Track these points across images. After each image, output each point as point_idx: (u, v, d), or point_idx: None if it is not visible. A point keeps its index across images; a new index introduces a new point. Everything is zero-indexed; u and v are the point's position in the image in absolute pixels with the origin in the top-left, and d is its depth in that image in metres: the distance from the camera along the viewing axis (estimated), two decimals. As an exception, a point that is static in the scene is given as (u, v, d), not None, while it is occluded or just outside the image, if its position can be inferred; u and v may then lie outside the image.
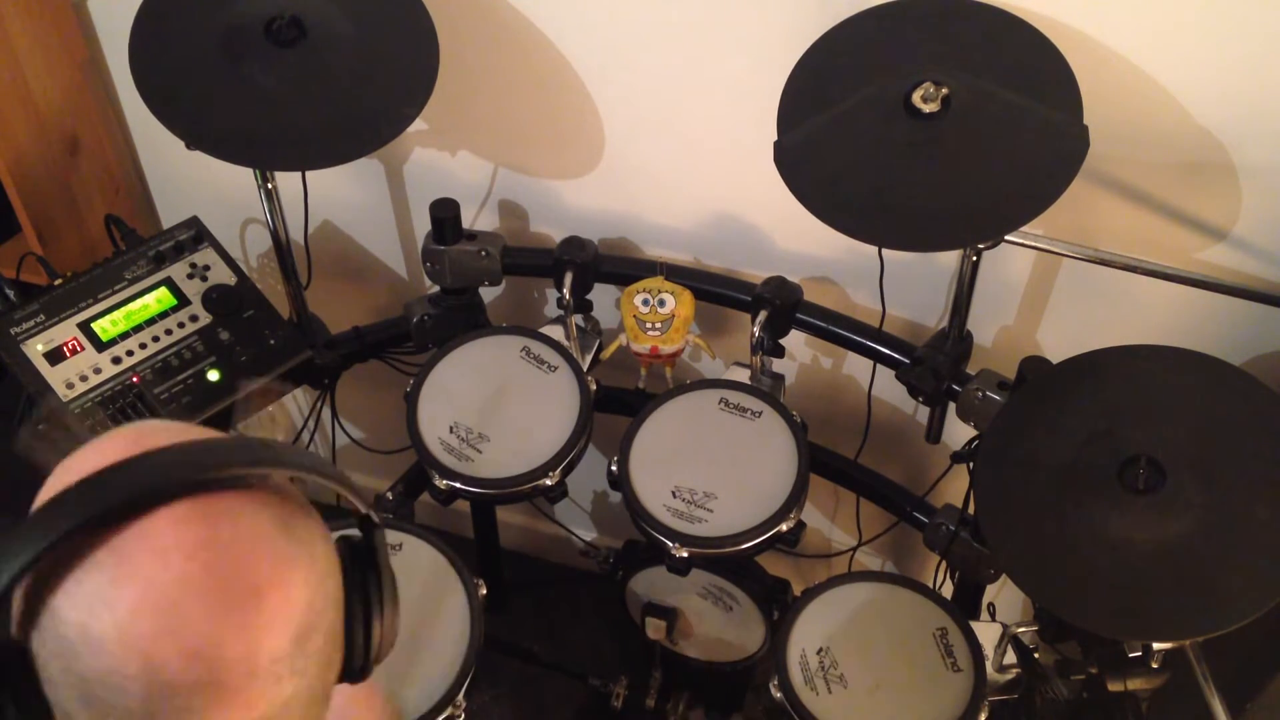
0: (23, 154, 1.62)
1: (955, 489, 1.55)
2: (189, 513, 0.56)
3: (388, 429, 1.75)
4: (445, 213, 1.52)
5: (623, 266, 1.56)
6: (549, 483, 1.38)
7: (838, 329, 1.47)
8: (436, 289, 1.61)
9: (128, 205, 1.85)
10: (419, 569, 1.35)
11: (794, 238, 1.55)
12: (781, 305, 1.43)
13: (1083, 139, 1.12)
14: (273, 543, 0.59)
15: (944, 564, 1.49)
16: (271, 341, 1.46)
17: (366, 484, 2.14)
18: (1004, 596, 1.80)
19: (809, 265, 1.56)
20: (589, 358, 1.54)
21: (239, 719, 0.57)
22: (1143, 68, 1.22)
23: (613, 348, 1.57)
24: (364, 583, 0.69)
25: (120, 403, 1.37)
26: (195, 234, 1.51)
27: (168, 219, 1.91)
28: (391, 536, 1.37)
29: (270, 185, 1.44)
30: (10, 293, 1.46)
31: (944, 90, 1.12)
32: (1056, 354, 1.29)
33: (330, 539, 0.66)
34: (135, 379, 1.39)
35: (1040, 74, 1.17)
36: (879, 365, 1.48)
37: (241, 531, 0.58)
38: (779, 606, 1.56)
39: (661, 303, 1.49)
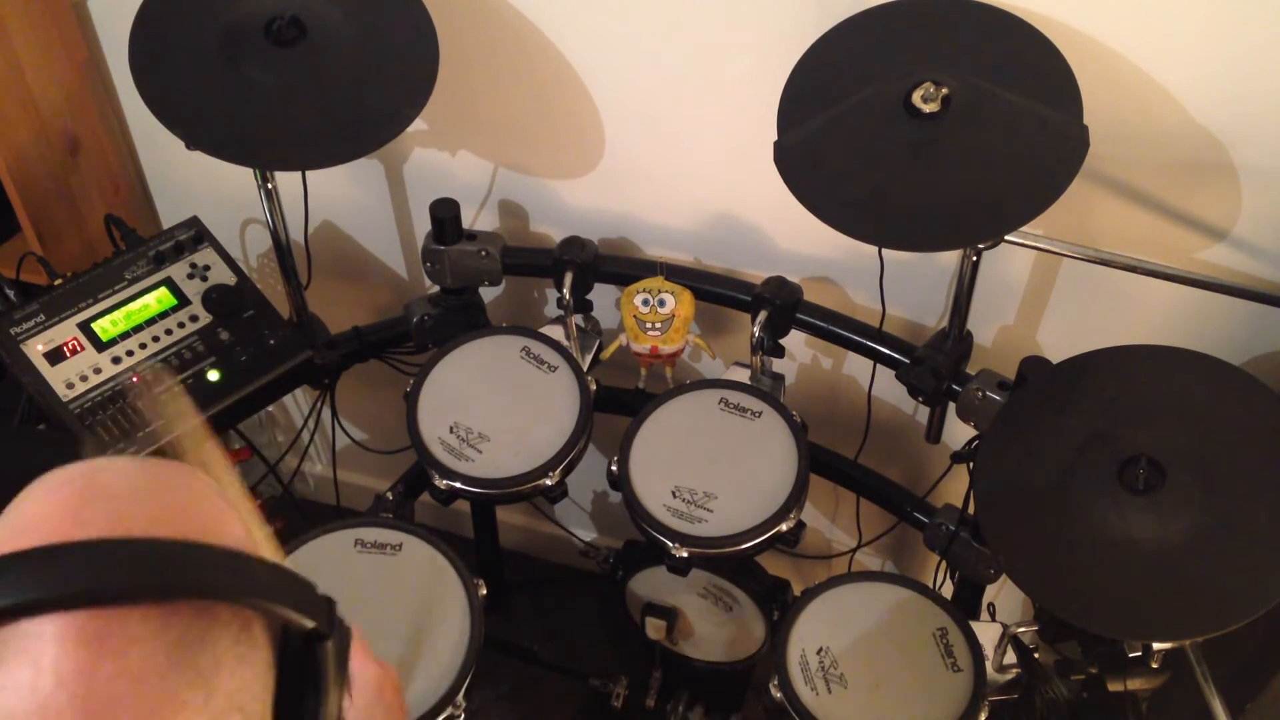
0: (23, 154, 1.62)
1: (955, 489, 1.55)
2: (79, 632, 0.48)
3: (388, 429, 1.75)
4: (445, 213, 1.52)
5: (623, 266, 1.56)
6: (549, 483, 1.38)
7: (838, 329, 1.47)
8: (436, 289, 1.61)
9: (128, 205, 1.85)
10: (419, 569, 1.35)
11: (794, 238, 1.55)
12: (781, 305, 1.43)
13: (1083, 139, 1.12)
14: (160, 681, 0.50)
15: (944, 564, 1.49)
16: (271, 341, 1.46)
17: (366, 484, 2.14)
18: (1004, 596, 1.80)
19: (809, 265, 1.56)
20: (589, 358, 1.54)
21: None
22: (1143, 68, 1.22)
23: (613, 348, 1.57)
24: (297, 705, 0.57)
25: (120, 403, 1.37)
26: (195, 234, 1.51)
27: (168, 219, 1.91)
28: (391, 536, 1.37)
29: (270, 185, 1.44)
30: (10, 293, 1.46)
31: (944, 90, 1.12)
32: (1056, 354, 1.29)
33: (252, 656, 0.54)
34: (135, 379, 1.39)
35: (1040, 74, 1.17)
36: (879, 365, 1.48)
37: (128, 665, 0.49)
38: (779, 606, 1.56)
39: (661, 303, 1.49)
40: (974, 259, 1.30)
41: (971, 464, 1.35)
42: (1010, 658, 1.33)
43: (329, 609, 0.57)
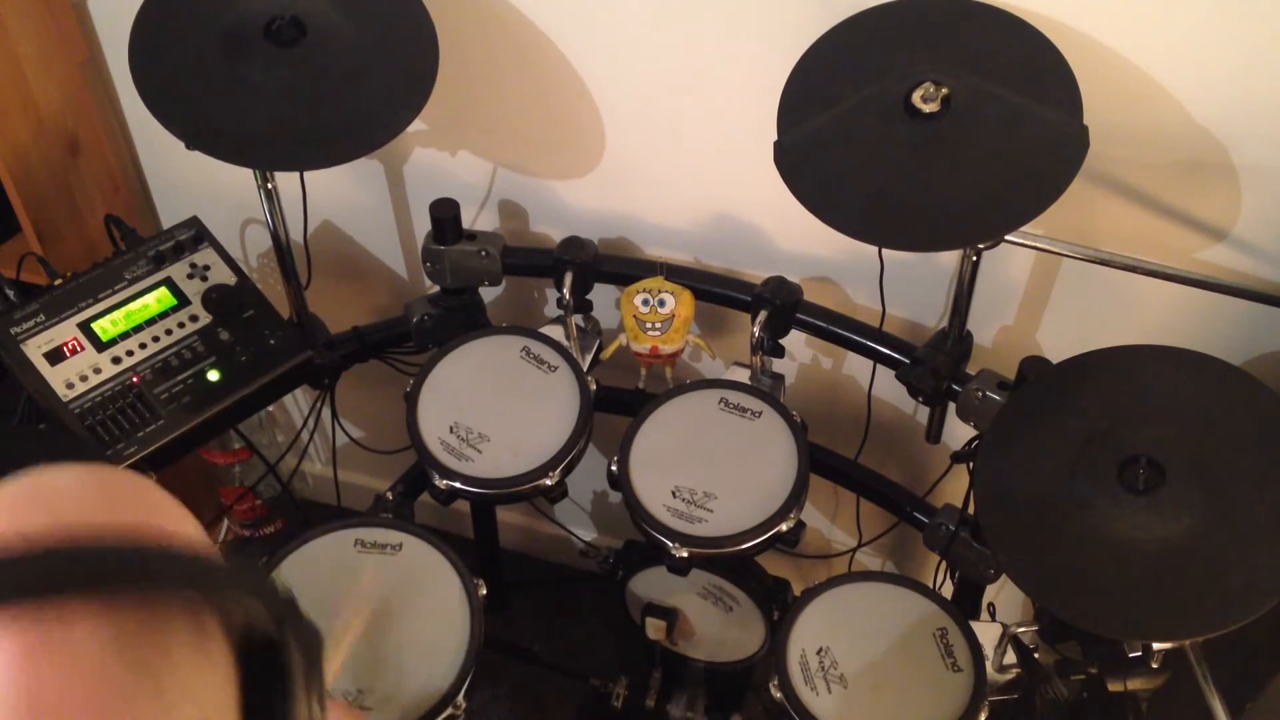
0: (23, 154, 1.62)
1: (955, 489, 1.56)
2: (20, 630, 0.47)
3: (388, 429, 1.75)
4: (445, 213, 1.52)
5: (623, 266, 1.56)
6: (549, 483, 1.38)
7: (838, 329, 1.47)
8: (436, 289, 1.61)
9: (128, 205, 1.85)
10: (419, 569, 1.35)
11: (794, 238, 1.55)
12: (781, 305, 1.43)
13: (1083, 139, 1.12)
14: (106, 677, 0.48)
15: (944, 564, 1.49)
16: (271, 341, 1.46)
17: (366, 484, 2.14)
18: (1004, 596, 1.80)
19: (809, 265, 1.56)
20: (589, 358, 1.54)
21: None
22: (1143, 68, 1.22)
23: (613, 348, 1.57)
24: (265, 709, 0.55)
25: (120, 403, 1.37)
26: (195, 234, 1.51)
27: (168, 219, 1.91)
28: (391, 536, 1.37)
29: (270, 185, 1.44)
30: (10, 293, 1.46)
31: (944, 90, 1.12)
32: (1056, 354, 1.29)
33: (208, 651, 0.52)
34: (135, 379, 1.39)
35: (1040, 74, 1.17)
36: (879, 365, 1.48)
37: (72, 661, 0.47)
38: (779, 606, 1.56)
39: (661, 303, 1.49)
40: (974, 259, 1.30)
41: (971, 464, 1.35)
42: (1010, 658, 1.33)
43: (291, 605, 0.56)
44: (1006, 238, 1.24)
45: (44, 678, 0.46)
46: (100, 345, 1.40)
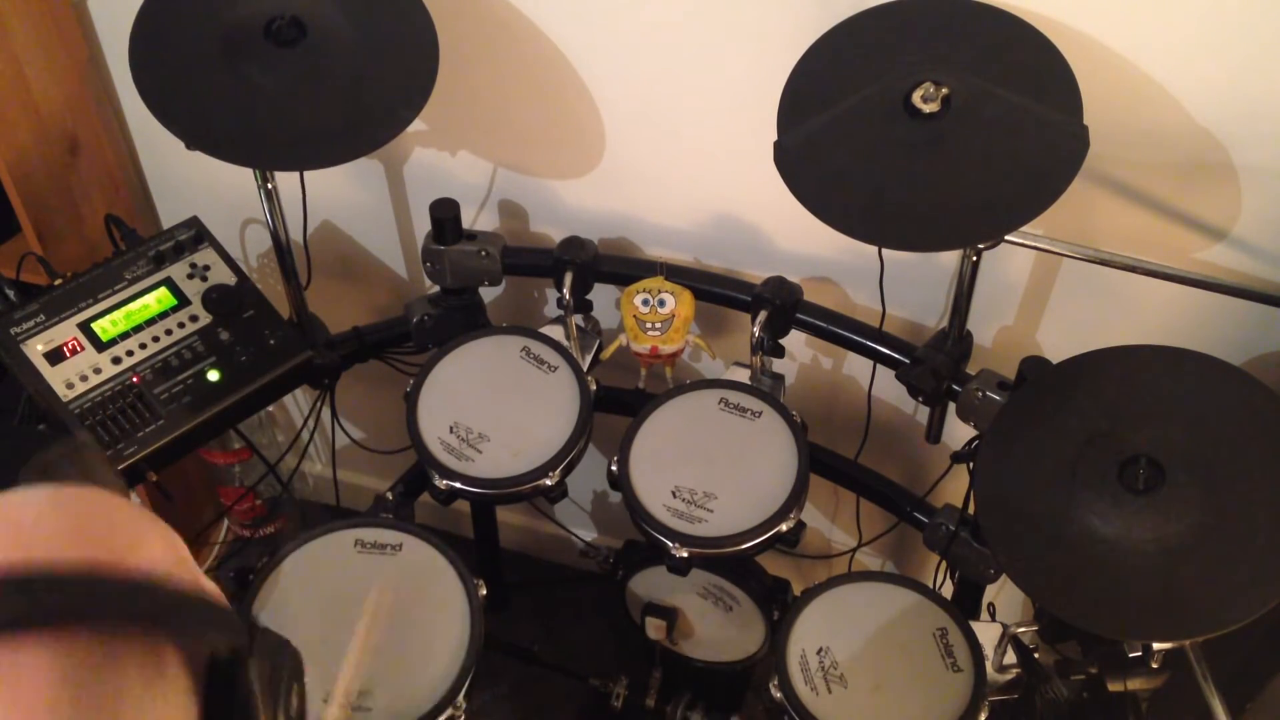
0: (23, 154, 1.62)
1: (955, 489, 1.55)
2: None
3: (388, 429, 1.75)
4: (445, 213, 1.52)
5: (623, 266, 1.56)
6: (549, 483, 1.38)
7: (838, 329, 1.47)
8: (436, 289, 1.61)
9: (128, 205, 1.85)
10: (419, 569, 1.35)
11: (794, 238, 1.55)
12: (781, 305, 1.43)
13: (1083, 139, 1.12)
14: (48, 714, 0.46)
15: (944, 564, 1.49)
16: (271, 341, 1.46)
17: (366, 484, 2.14)
18: (1004, 596, 1.80)
19: (809, 265, 1.56)
20: (589, 358, 1.54)
21: None
22: (1143, 68, 1.22)
23: (613, 348, 1.57)
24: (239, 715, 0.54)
25: (120, 403, 1.37)
26: (195, 234, 1.51)
27: (168, 219, 1.92)
28: (391, 536, 1.37)
29: (270, 185, 1.44)
30: (10, 293, 1.46)
31: (944, 90, 1.12)
32: (1056, 354, 1.29)
33: (161, 686, 0.51)
34: (135, 379, 1.39)
35: (1040, 74, 1.17)
36: (879, 365, 1.48)
37: (19, 698, 0.46)
38: (779, 606, 1.56)
39: (661, 303, 1.49)
40: (974, 259, 1.30)
41: (971, 464, 1.35)
42: (1010, 658, 1.33)
43: (249, 631, 0.55)
44: (1006, 238, 1.24)
45: None
46: (100, 345, 1.40)
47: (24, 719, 0.45)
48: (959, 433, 1.43)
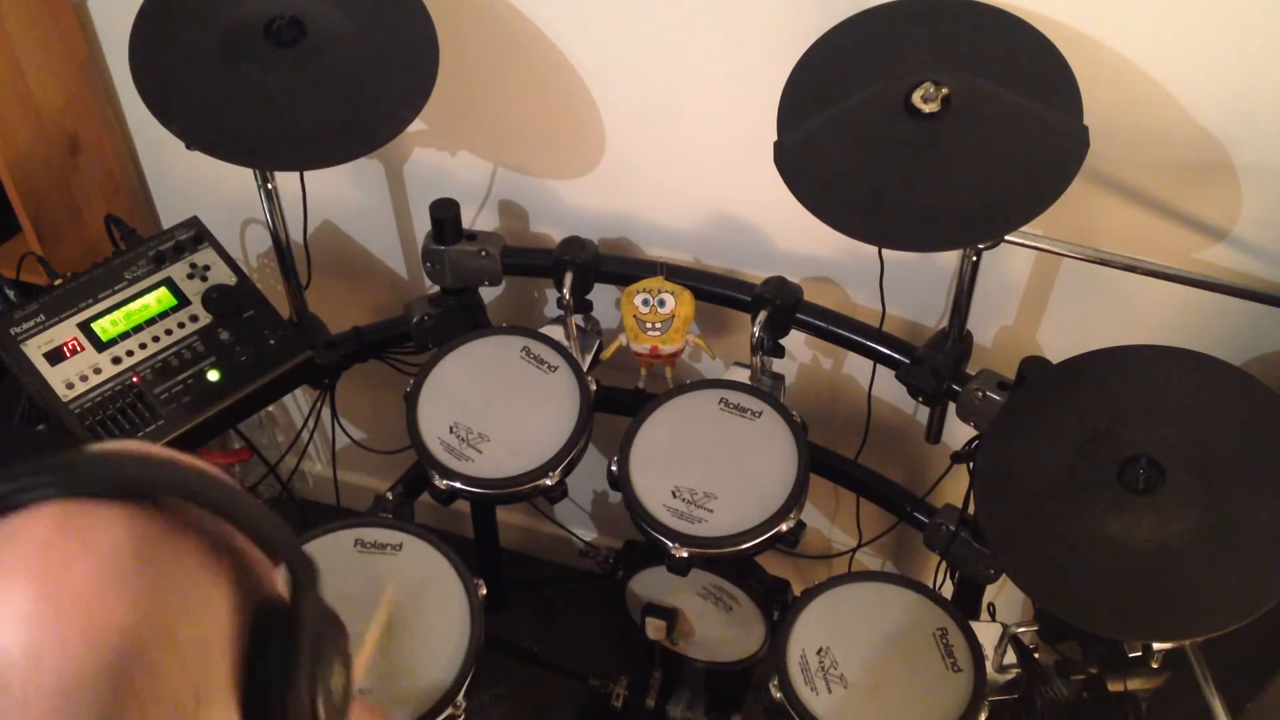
0: (23, 154, 1.62)
1: (955, 489, 1.55)
2: (56, 515, 0.53)
3: (388, 429, 1.75)
4: (445, 213, 1.52)
5: (623, 266, 1.56)
6: (549, 483, 1.38)
7: (838, 329, 1.47)
8: (436, 289, 1.61)
9: (128, 205, 1.85)
10: (419, 569, 1.35)
11: (794, 238, 1.55)
12: (781, 305, 1.43)
13: (1083, 139, 1.12)
14: (117, 565, 0.53)
15: (944, 564, 1.49)
16: (271, 341, 1.46)
17: (366, 484, 2.14)
18: (1004, 596, 1.80)
19: (809, 265, 1.56)
20: (589, 358, 1.54)
21: None
22: (1143, 68, 1.22)
23: (613, 348, 1.57)
24: (279, 661, 0.57)
25: (120, 403, 1.37)
26: (195, 234, 1.51)
27: (168, 219, 1.91)
28: (391, 536, 1.37)
29: (270, 185, 1.44)
30: (10, 293, 1.46)
31: (944, 90, 1.12)
32: (1056, 354, 1.29)
33: (211, 587, 0.56)
34: (135, 379, 1.39)
35: (1040, 74, 1.17)
36: (879, 365, 1.48)
37: (92, 545, 0.53)
38: (779, 606, 1.56)
39: (661, 303, 1.49)
40: (974, 259, 1.30)
41: (971, 464, 1.35)
42: (1010, 658, 1.33)
43: (310, 570, 0.59)
44: (1006, 238, 1.24)
45: (61, 549, 0.53)
46: (100, 345, 1.40)
47: (92, 560, 0.52)
48: (959, 433, 1.43)
